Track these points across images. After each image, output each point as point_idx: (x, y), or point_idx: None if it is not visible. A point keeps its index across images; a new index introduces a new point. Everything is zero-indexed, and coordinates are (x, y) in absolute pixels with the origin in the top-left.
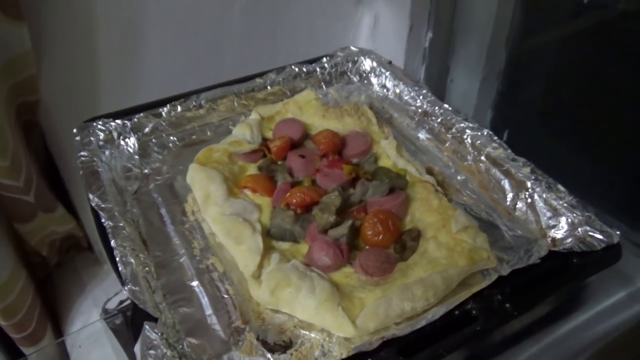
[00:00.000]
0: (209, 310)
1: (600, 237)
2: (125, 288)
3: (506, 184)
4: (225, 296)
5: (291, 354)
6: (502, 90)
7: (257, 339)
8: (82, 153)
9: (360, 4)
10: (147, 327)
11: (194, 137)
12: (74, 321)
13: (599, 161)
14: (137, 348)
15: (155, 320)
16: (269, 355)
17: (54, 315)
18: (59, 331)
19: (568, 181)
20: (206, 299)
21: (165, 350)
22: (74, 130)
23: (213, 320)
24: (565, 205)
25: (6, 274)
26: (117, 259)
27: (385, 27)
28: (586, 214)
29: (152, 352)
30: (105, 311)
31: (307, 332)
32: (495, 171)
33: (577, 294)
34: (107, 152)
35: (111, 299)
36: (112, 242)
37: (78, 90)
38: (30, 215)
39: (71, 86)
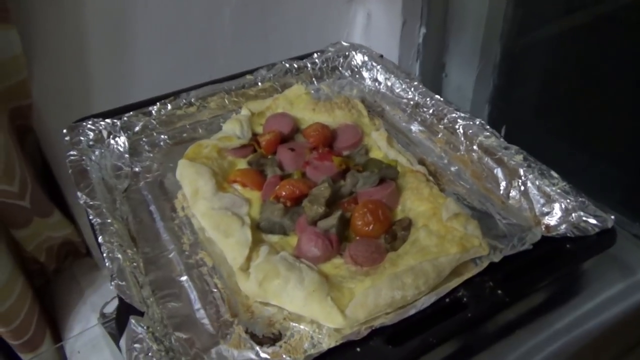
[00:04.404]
0: (197, 305)
1: (594, 222)
2: (112, 283)
3: (499, 172)
4: (214, 290)
5: (280, 346)
6: (498, 84)
7: (246, 332)
8: (72, 152)
9: (352, 2)
10: (132, 321)
11: (184, 135)
12: (72, 327)
13: (596, 154)
14: (122, 342)
15: (142, 314)
16: (257, 348)
17: (52, 322)
18: (58, 337)
19: (566, 174)
20: (195, 293)
21: (150, 344)
22: (64, 131)
23: (201, 314)
24: (558, 191)
25: (3, 280)
26: (104, 254)
27: (379, 24)
28: (580, 199)
29: (137, 345)
30: (103, 315)
31: (297, 324)
32: (487, 160)
33: (574, 283)
34: (97, 152)
35: (109, 302)
36: (100, 239)
37: (70, 93)
38: (25, 221)
39: (63, 89)
